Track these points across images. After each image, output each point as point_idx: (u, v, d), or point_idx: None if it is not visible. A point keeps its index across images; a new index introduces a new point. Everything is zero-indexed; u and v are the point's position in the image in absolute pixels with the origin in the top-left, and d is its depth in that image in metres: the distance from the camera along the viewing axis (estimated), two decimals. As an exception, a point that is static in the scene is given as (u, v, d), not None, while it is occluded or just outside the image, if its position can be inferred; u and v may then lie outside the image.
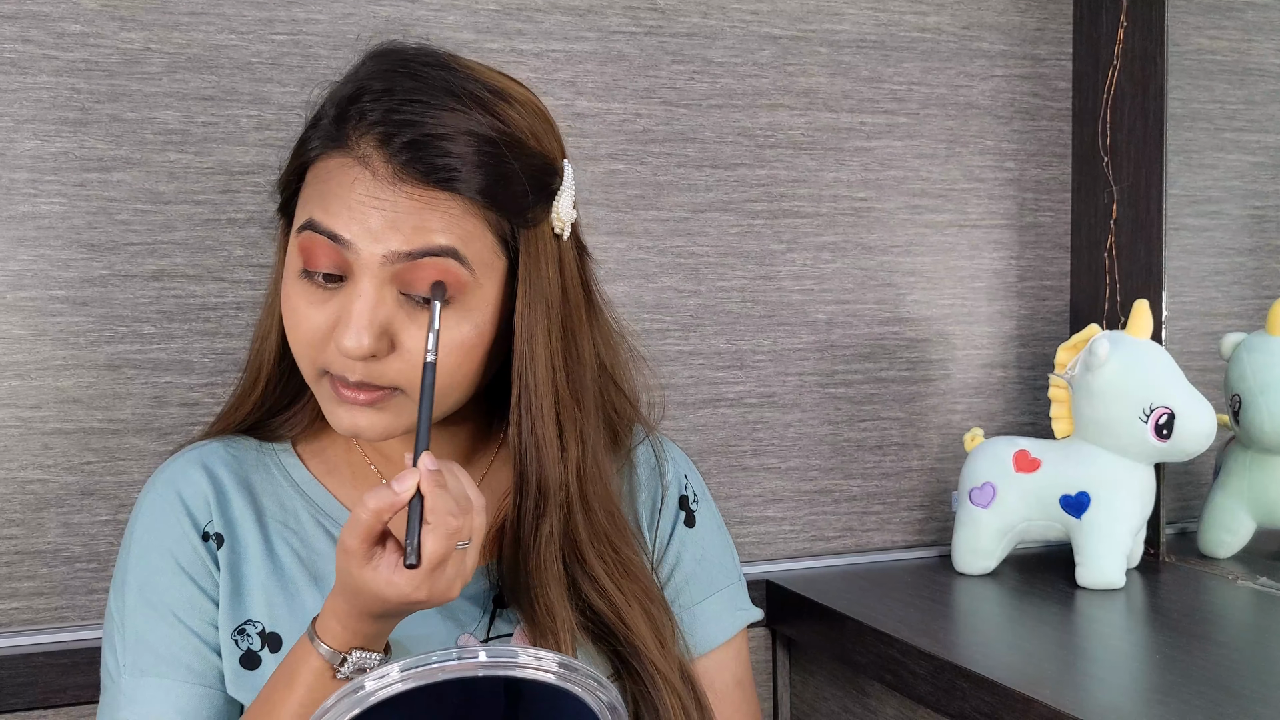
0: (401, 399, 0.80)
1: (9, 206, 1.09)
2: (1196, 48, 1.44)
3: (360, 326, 0.76)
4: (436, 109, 0.77)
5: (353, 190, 0.77)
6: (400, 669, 0.65)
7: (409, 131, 0.76)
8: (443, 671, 0.65)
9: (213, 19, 1.14)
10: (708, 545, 0.98)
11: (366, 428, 0.80)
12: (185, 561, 0.85)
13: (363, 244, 0.76)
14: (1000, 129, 1.45)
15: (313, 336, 0.79)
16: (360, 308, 0.76)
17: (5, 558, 1.10)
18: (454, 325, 0.79)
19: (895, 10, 1.39)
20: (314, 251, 0.78)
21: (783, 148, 1.35)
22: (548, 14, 1.25)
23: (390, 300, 0.78)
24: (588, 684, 0.68)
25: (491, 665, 0.67)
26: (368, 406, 0.79)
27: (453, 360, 0.79)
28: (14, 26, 1.09)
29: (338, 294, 0.78)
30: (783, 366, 1.36)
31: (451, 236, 0.77)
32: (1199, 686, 0.94)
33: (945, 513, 1.43)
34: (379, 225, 0.76)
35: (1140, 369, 1.22)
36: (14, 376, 1.10)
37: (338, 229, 0.77)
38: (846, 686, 1.25)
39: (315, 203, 0.79)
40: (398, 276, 0.77)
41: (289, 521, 0.87)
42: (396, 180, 0.76)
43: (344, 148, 0.78)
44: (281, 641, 0.84)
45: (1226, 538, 1.36)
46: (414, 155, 0.76)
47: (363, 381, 0.78)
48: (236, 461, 0.89)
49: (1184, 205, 1.42)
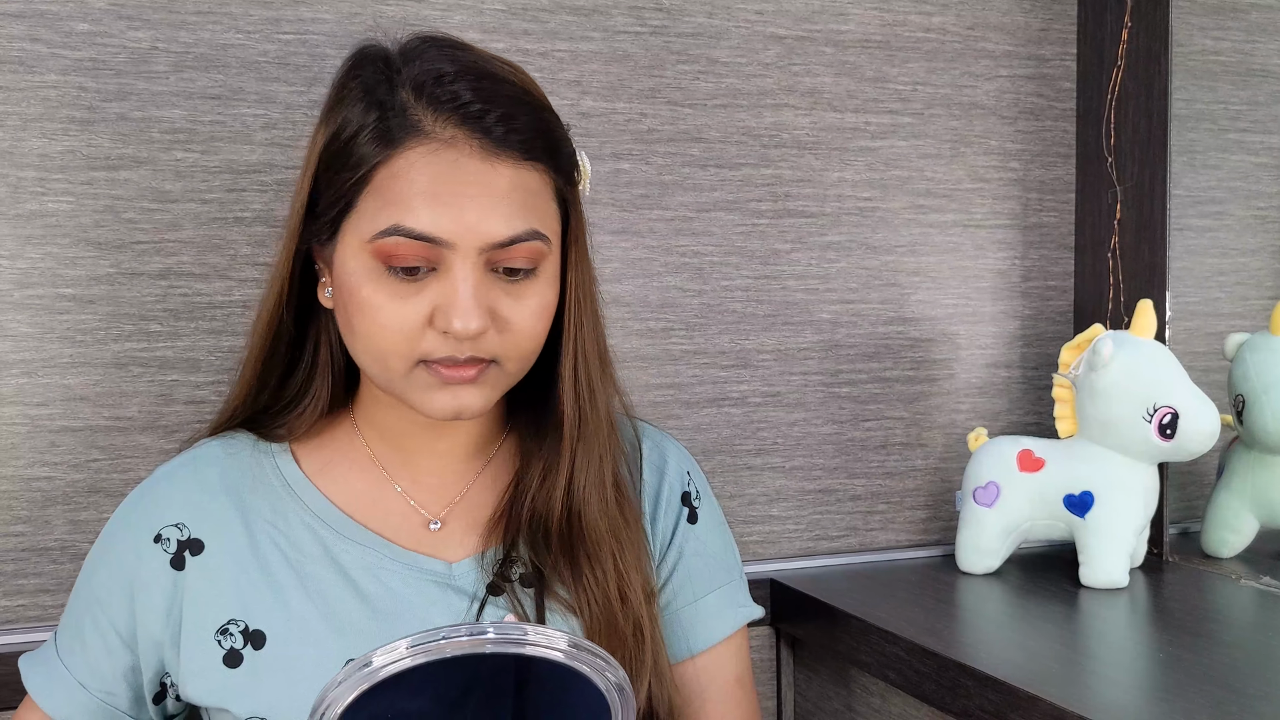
0: (497, 370, 0.83)
1: (16, 205, 1.10)
2: (1200, 48, 1.45)
3: (469, 308, 0.78)
4: (490, 81, 0.81)
5: (440, 180, 0.78)
6: (409, 645, 0.65)
7: (478, 105, 0.79)
8: (451, 648, 0.66)
9: (220, 18, 1.14)
10: (709, 541, 0.99)
11: (469, 404, 0.82)
12: (128, 579, 0.87)
13: (460, 239, 0.78)
14: (1005, 129, 1.45)
15: (408, 329, 0.80)
16: (466, 291, 0.79)
17: (12, 555, 1.11)
18: (540, 293, 0.83)
19: (900, 10, 1.39)
20: (398, 253, 0.79)
21: (787, 147, 1.35)
22: (553, 14, 1.25)
23: (486, 279, 0.80)
24: (596, 664, 0.69)
25: (500, 642, 0.67)
26: (471, 383, 0.81)
27: (543, 324, 0.84)
28: (22, 25, 1.09)
29: (427, 284, 0.80)
30: (787, 366, 1.37)
31: (534, 216, 0.81)
32: (1203, 685, 0.94)
33: (949, 512, 1.44)
34: (475, 218, 0.78)
35: (1144, 369, 1.22)
36: (21, 374, 1.10)
37: (430, 230, 0.78)
38: (850, 685, 1.25)
39: (393, 206, 0.78)
40: (491, 259, 0.80)
41: (277, 522, 0.88)
42: (483, 155, 0.79)
43: (421, 136, 0.79)
44: (266, 639, 0.84)
45: (1230, 537, 1.36)
46: (491, 126, 0.79)
47: (471, 357, 0.81)
48: (231, 459, 0.90)
49: (1188, 206, 1.42)
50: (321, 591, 0.85)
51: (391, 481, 0.91)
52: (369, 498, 0.90)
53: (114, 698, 0.89)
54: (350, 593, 0.85)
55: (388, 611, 0.85)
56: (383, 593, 0.86)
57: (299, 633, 0.84)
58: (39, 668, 0.90)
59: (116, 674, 0.88)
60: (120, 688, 0.89)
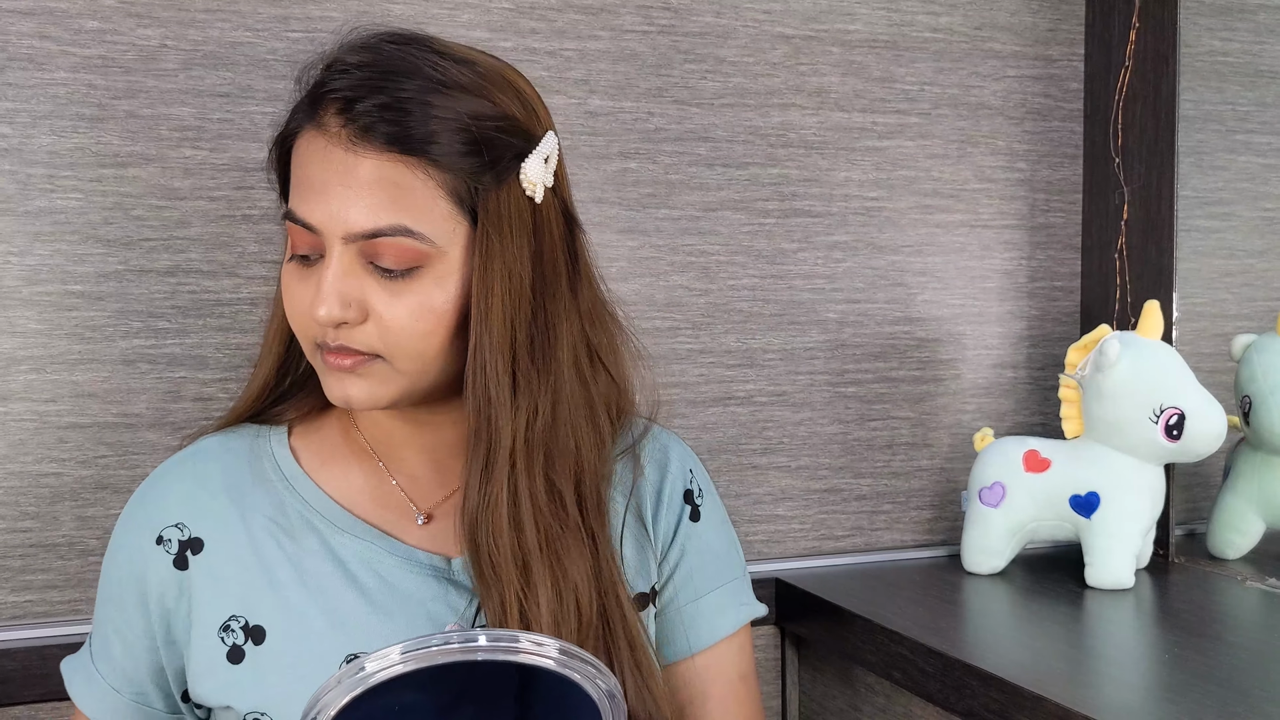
0: (382, 366, 0.82)
1: (26, 201, 1.10)
2: (1208, 49, 1.44)
3: (326, 295, 0.80)
4: (384, 73, 0.80)
5: (315, 166, 0.81)
6: (401, 651, 0.66)
7: (357, 92, 0.79)
8: (442, 655, 0.66)
9: (229, 16, 1.14)
10: (712, 539, 0.98)
11: (355, 394, 0.83)
12: (139, 573, 0.88)
13: (327, 227, 0.80)
14: (1012, 129, 1.45)
15: (301, 312, 0.83)
16: (327, 279, 0.80)
17: (20, 551, 1.11)
18: (423, 292, 0.81)
19: (907, 10, 1.39)
20: (295, 238, 0.83)
21: (794, 147, 1.35)
22: (561, 12, 1.25)
23: (360, 271, 0.81)
24: (586, 670, 0.69)
25: (492, 650, 0.67)
26: (351, 373, 0.82)
27: (425, 325, 0.81)
28: (31, 22, 1.09)
29: (316, 269, 0.82)
30: (793, 365, 1.37)
31: (401, 211, 0.79)
32: (1209, 686, 0.94)
33: (955, 512, 1.44)
34: (338, 206, 0.79)
35: (1151, 370, 1.22)
36: (30, 370, 1.11)
37: (307, 217, 0.81)
38: (855, 685, 1.25)
39: (294, 190, 0.83)
40: (364, 251, 0.80)
41: (276, 517, 0.88)
42: (349, 144, 0.79)
43: (310, 120, 0.82)
44: (266, 634, 0.84)
45: (1236, 539, 1.36)
46: (358, 115, 0.79)
47: (341, 345, 0.81)
48: (231, 455, 0.91)
49: (1195, 207, 1.42)
50: (321, 586, 0.85)
51: (389, 476, 0.91)
52: (366, 492, 0.90)
53: (146, 698, 0.89)
54: (349, 587, 0.85)
55: (387, 606, 0.85)
56: (382, 587, 0.86)
57: (298, 628, 0.84)
58: (78, 672, 0.91)
59: (144, 676, 0.89)
60: (150, 689, 0.89)
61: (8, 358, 1.10)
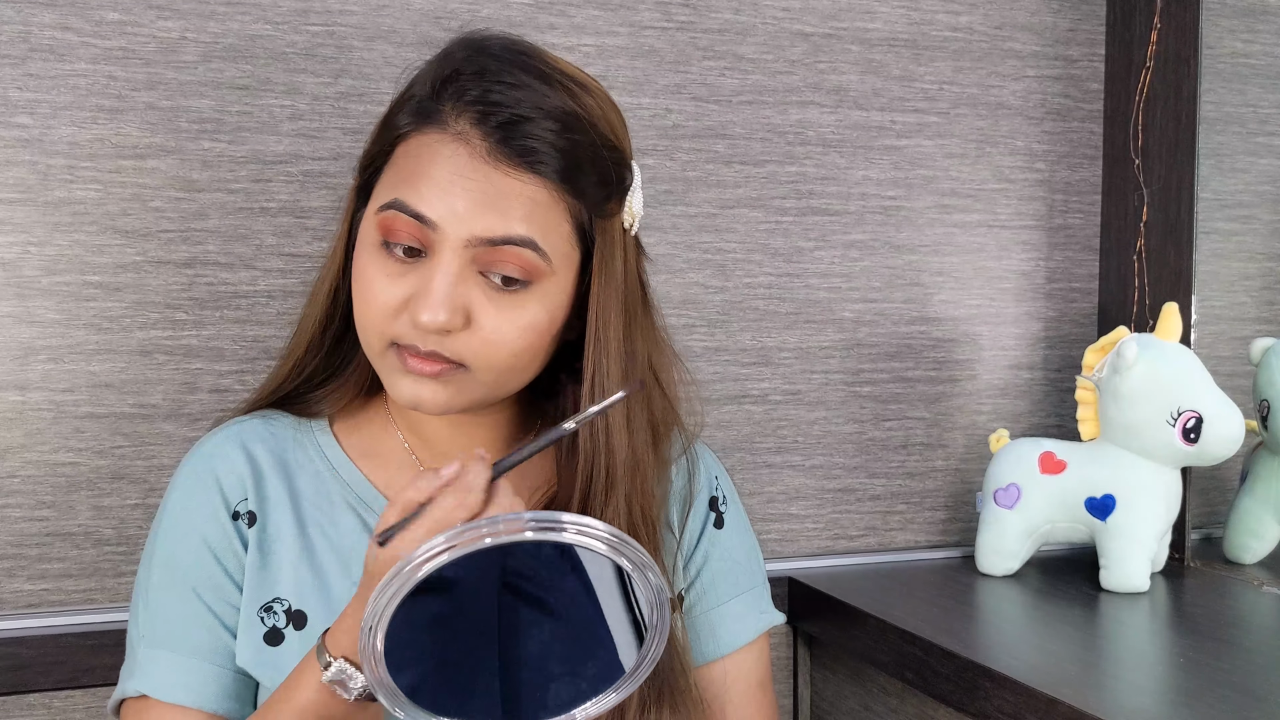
0: (465, 375, 0.81)
1: (45, 192, 1.10)
2: (1230, 51, 1.44)
3: (439, 301, 0.78)
4: (527, 92, 0.80)
5: (443, 167, 0.79)
6: (445, 538, 0.65)
7: (504, 111, 0.79)
8: (491, 536, 0.66)
9: (248, 9, 1.15)
10: (734, 547, 0.99)
11: (429, 399, 0.81)
12: (212, 541, 0.86)
13: (448, 226, 0.78)
14: (1031, 130, 1.44)
15: (387, 308, 0.80)
16: (441, 283, 0.78)
17: (36, 539, 1.12)
18: (529, 309, 0.81)
19: (927, 9, 1.39)
20: (396, 228, 0.80)
21: (812, 145, 1.35)
22: (580, 8, 1.25)
23: (470, 279, 0.80)
24: (640, 558, 0.68)
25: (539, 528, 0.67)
26: (433, 378, 0.81)
27: (525, 342, 0.81)
28: (53, 14, 1.10)
29: (416, 268, 0.80)
30: (808, 364, 1.37)
31: (532, 226, 0.80)
32: (1223, 690, 0.94)
33: (969, 513, 1.43)
34: (465, 208, 0.78)
35: (1168, 372, 1.21)
36: (47, 360, 1.11)
37: (424, 210, 0.79)
38: (868, 684, 1.25)
39: (403, 182, 0.80)
40: (478, 258, 0.79)
41: (321, 505, 0.88)
42: (491, 159, 0.79)
43: (439, 124, 0.80)
44: (307, 619, 0.85)
45: (1252, 543, 1.35)
46: (507, 134, 0.79)
47: (434, 351, 0.80)
48: (275, 439, 0.91)
49: (1215, 209, 1.41)
50: None
51: None
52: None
53: (234, 660, 0.87)
54: None
55: None
56: None
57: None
58: (149, 675, 0.85)
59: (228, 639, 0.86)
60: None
61: (26, 347, 1.11)
